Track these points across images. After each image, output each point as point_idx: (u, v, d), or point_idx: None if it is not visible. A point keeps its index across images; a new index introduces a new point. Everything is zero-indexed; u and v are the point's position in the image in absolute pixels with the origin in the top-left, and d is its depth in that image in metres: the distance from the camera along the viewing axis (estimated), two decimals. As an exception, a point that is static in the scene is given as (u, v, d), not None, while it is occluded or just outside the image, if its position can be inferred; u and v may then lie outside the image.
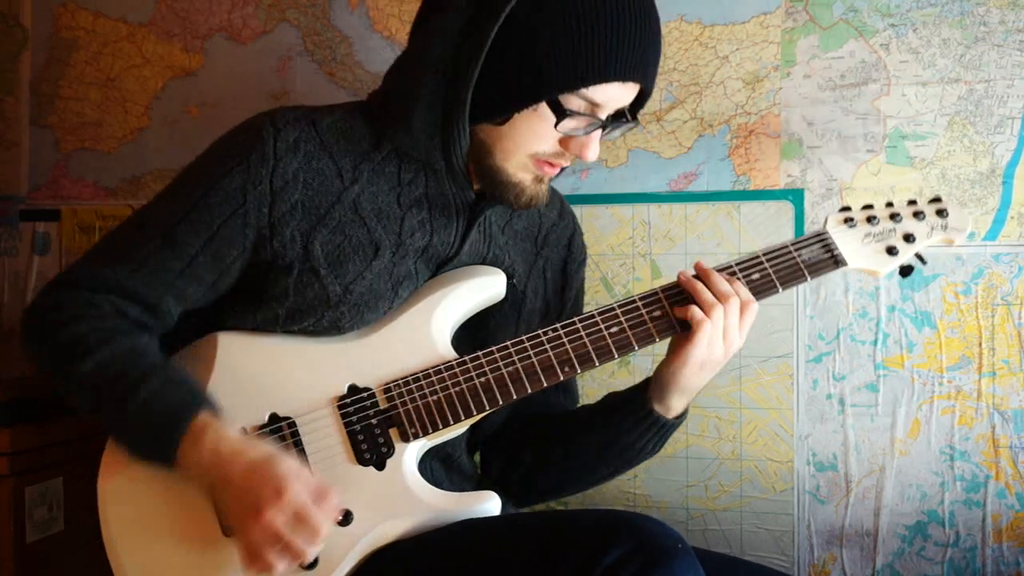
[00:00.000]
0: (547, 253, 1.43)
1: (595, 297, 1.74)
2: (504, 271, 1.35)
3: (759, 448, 1.69)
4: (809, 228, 1.66)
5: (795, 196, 1.68)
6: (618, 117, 1.23)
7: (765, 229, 1.68)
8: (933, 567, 1.64)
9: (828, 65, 1.66)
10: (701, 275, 1.25)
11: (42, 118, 1.98)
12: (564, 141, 1.21)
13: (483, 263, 1.35)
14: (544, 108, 1.18)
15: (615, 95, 1.19)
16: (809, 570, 1.68)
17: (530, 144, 1.21)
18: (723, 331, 1.22)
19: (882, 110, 1.64)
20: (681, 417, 1.33)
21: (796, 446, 1.68)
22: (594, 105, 1.19)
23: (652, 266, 1.73)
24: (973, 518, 1.62)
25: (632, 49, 1.17)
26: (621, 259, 1.75)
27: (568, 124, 1.19)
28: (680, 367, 1.24)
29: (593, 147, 1.22)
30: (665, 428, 1.32)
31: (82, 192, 1.96)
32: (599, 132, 1.22)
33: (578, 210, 1.74)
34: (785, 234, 1.67)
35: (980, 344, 1.62)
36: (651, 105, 1.72)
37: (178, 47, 1.92)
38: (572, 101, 1.18)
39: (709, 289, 1.23)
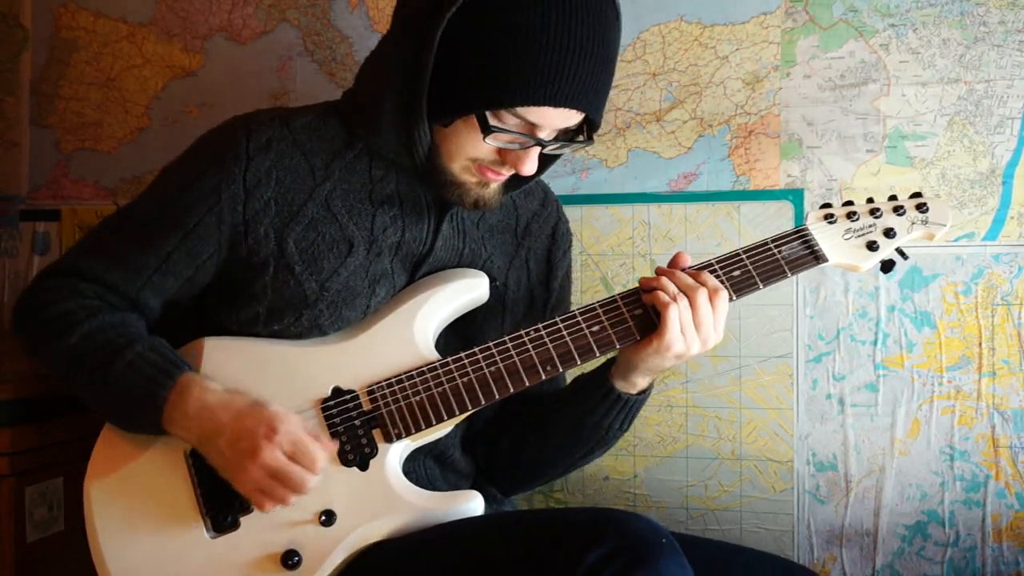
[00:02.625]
0: (529, 243, 1.43)
1: (595, 297, 1.74)
2: (482, 265, 1.36)
3: (759, 448, 1.69)
4: (809, 228, 1.67)
5: (795, 196, 1.68)
6: (571, 133, 1.22)
7: (765, 229, 1.68)
8: (933, 567, 1.64)
9: (828, 65, 1.66)
10: (666, 274, 1.25)
11: (42, 118, 1.98)
12: (502, 152, 1.21)
13: (460, 258, 1.35)
14: (474, 119, 1.17)
15: (552, 118, 1.17)
16: (809, 570, 1.68)
17: (468, 150, 1.21)
18: (696, 321, 1.22)
19: (882, 110, 1.64)
20: (645, 393, 1.33)
21: (796, 446, 1.68)
22: (531, 124, 1.17)
23: (652, 266, 1.73)
24: (973, 518, 1.62)
25: (570, 76, 1.13)
26: (621, 259, 1.75)
27: (499, 137, 1.18)
28: (653, 354, 1.23)
29: (529, 162, 1.20)
30: (630, 404, 1.32)
31: (82, 192, 1.96)
32: (536, 149, 1.20)
33: (578, 210, 1.74)
34: (785, 234, 1.67)
35: (980, 344, 1.62)
36: (651, 105, 1.72)
37: (178, 47, 1.92)
38: (505, 117, 1.16)
39: (674, 283, 1.23)
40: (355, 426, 1.22)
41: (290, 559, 1.17)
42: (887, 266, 1.32)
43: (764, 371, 1.69)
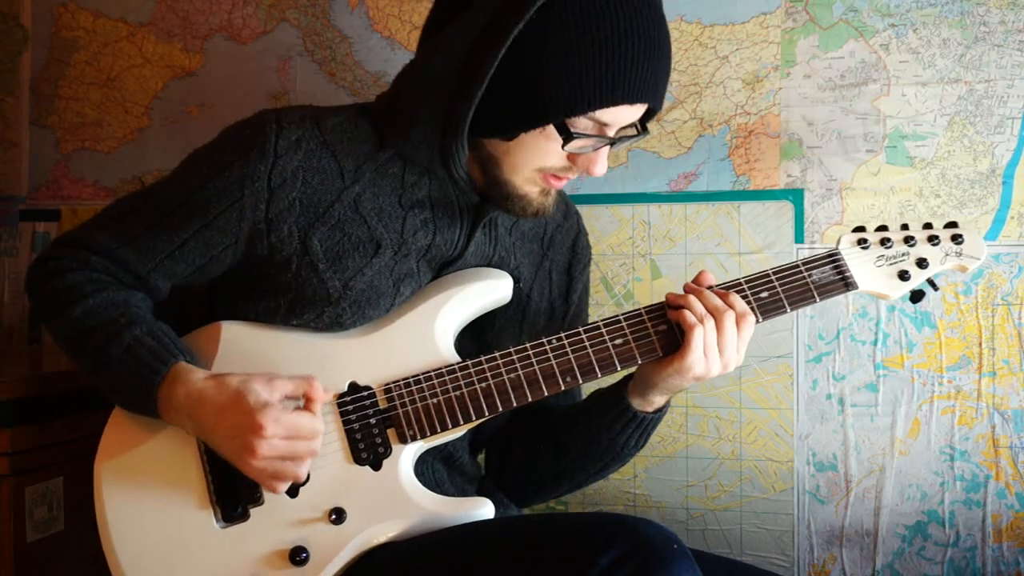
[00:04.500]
0: (552, 255, 1.43)
1: (595, 297, 1.74)
2: (511, 273, 1.35)
3: (759, 448, 1.69)
4: (808, 228, 1.67)
5: (795, 196, 1.68)
6: (626, 128, 1.23)
7: (765, 229, 1.68)
8: (933, 567, 1.64)
9: (828, 65, 1.66)
10: (694, 292, 1.24)
11: (42, 118, 1.98)
12: (572, 156, 1.22)
13: (489, 264, 1.35)
14: (551, 129, 1.18)
15: (623, 115, 1.19)
16: (809, 570, 1.68)
17: (537, 161, 1.22)
18: (720, 344, 1.20)
19: (882, 110, 1.64)
20: (661, 411, 1.32)
21: (796, 446, 1.68)
22: (602, 125, 1.19)
23: (652, 266, 1.73)
24: (973, 518, 1.62)
25: (640, 72, 1.16)
26: (621, 259, 1.75)
27: (575, 144, 1.19)
28: (673, 374, 1.23)
29: (601, 163, 1.22)
30: (646, 423, 1.31)
31: (82, 192, 1.96)
32: (607, 148, 1.22)
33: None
34: (785, 234, 1.67)
35: (980, 344, 1.62)
36: (651, 105, 1.72)
37: (178, 47, 1.92)
38: (579, 123, 1.17)
39: (702, 303, 1.22)
40: (370, 424, 1.21)
41: (298, 555, 1.16)
42: (916, 296, 1.29)
43: (764, 371, 1.69)
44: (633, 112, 1.20)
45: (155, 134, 1.93)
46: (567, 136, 1.17)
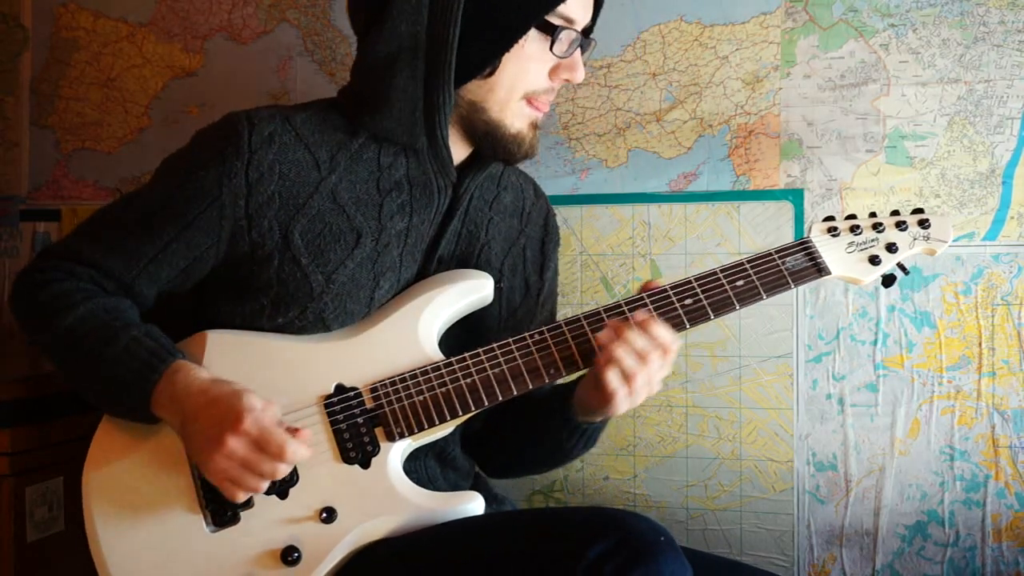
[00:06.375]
0: (528, 231, 1.45)
1: (595, 297, 1.74)
2: (478, 250, 1.37)
3: (759, 448, 1.69)
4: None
5: (795, 196, 1.68)
6: (583, 35, 1.30)
7: (765, 229, 1.68)
8: (933, 567, 1.64)
9: (828, 65, 1.66)
10: (618, 336, 1.20)
11: (42, 118, 1.98)
12: (553, 71, 1.27)
13: (457, 240, 1.36)
14: (531, 41, 1.23)
15: (582, 6, 1.26)
16: (809, 570, 1.68)
17: (522, 83, 1.26)
18: (649, 381, 1.21)
19: (882, 110, 1.64)
20: (606, 420, 1.34)
21: (796, 446, 1.68)
22: (569, 21, 1.24)
23: (652, 266, 1.73)
24: (973, 518, 1.62)
25: None
26: (621, 259, 1.75)
27: (561, 43, 1.24)
28: (603, 410, 1.24)
29: (580, 67, 1.28)
30: (590, 432, 1.35)
31: (82, 192, 1.96)
32: (579, 52, 1.28)
33: (578, 210, 1.74)
34: (785, 234, 1.67)
35: (980, 344, 1.62)
36: (651, 105, 1.72)
37: (178, 47, 1.92)
38: (554, 20, 1.23)
39: (628, 350, 1.19)
40: (358, 424, 1.22)
41: (290, 555, 1.17)
42: (888, 280, 1.33)
43: (764, 371, 1.69)
44: (587, 6, 1.27)
45: (155, 134, 1.93)
46: (553, 31, 1.22)
